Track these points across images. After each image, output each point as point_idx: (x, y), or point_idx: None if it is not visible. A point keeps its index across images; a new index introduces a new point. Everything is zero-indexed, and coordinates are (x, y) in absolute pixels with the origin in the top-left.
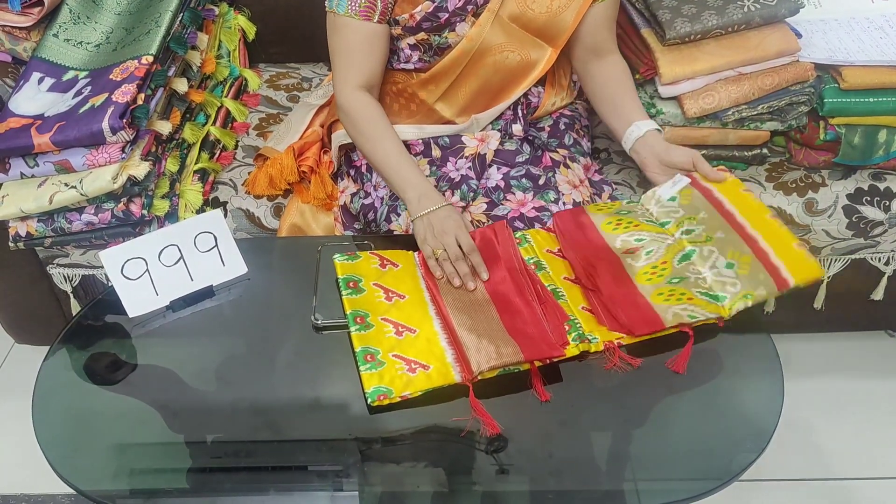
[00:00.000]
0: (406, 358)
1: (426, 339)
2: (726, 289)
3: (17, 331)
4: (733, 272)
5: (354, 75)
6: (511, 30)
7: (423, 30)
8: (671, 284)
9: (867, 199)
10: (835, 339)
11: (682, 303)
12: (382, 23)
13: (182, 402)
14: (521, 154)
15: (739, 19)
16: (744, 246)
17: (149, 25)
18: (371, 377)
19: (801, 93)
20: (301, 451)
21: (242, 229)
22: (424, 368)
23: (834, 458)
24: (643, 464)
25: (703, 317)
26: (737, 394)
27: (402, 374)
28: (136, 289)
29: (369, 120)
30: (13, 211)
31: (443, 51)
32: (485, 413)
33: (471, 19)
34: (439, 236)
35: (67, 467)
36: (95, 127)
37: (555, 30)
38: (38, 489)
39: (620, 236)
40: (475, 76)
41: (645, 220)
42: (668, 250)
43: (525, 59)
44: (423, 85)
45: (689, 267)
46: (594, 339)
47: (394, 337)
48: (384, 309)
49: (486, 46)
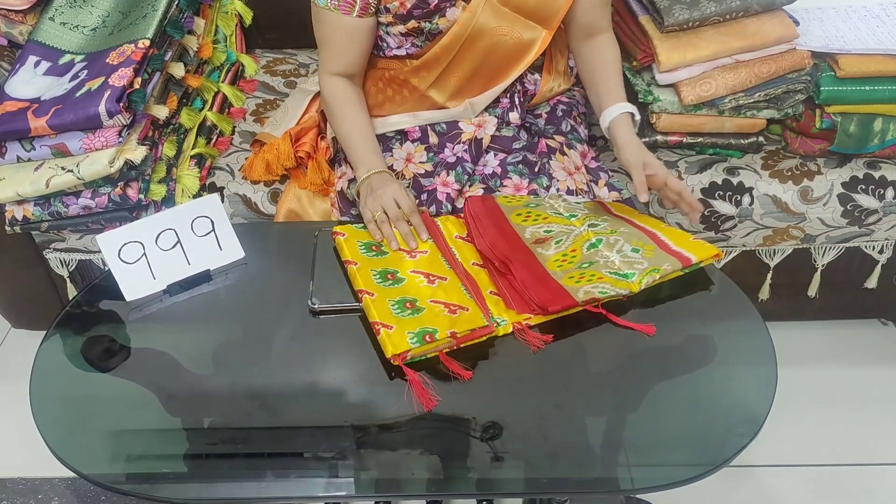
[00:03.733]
0: (444, 302)
1: (458, 286)
2: (634, 267)
3: (14, 315)
4: (639, 255)
5: (333, 64)
6: (503, 13)
7: (413, 17)
8: (581, 269)
9: (862, 187)
10: (828, 326)
11: (592, 282)
12: (364, 17)
13: (179, 387)
14: (519, 140)
15: (738, 6)
16: (646, 238)
17: (145, 9)
18: (412, 322)
19: (797, 81)
20: (297, 437)
21: (239, 214)
22: (464, 310)
23: (826, 444)
24: (636, 448)
25: (614, 292)
26: (730, 380)
27: (443, 316)
28: (133, 273)
29: (339, 101)
30: (10, 195)
31: (434, 36)
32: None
33: (461, 3)
34: (378, 198)
35: (66, 450)
36: (92, 111)
37: (548, 11)
38: (35, 473)
39: (529, 228)
40: (467, 61)
41: (553, 213)
42: (576, 240)
43: (518, 42)
44: (416, 72)
45: (598, 252)
46: (503, 321)
47: (427, 286)
48: (411, 264)
49: (478, 31)
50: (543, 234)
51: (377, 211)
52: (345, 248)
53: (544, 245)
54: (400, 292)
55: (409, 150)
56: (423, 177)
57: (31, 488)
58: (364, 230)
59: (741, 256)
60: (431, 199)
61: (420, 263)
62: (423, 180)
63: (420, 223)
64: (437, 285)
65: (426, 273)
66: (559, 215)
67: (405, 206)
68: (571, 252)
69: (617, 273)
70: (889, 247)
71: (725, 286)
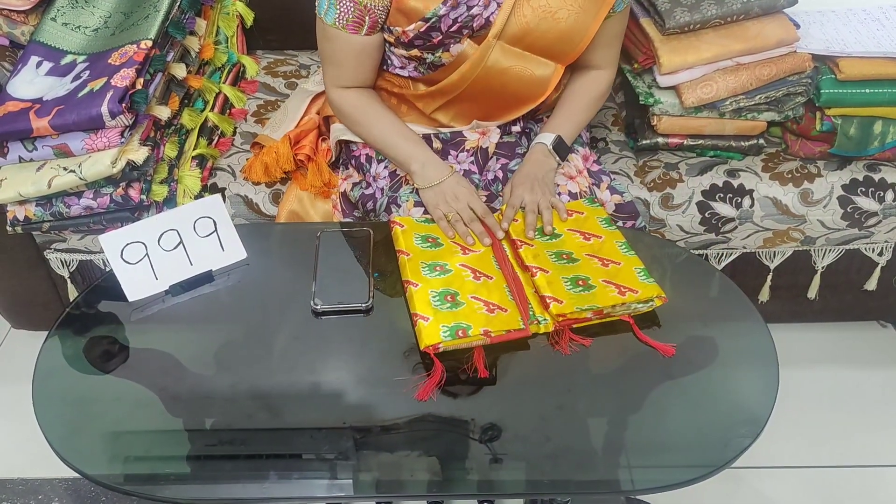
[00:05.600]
0: (484, 300)
1: (503, 286)
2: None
3: (14, 316)
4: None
5: (343, 80)
6: (514, 53)
7: (415, 46)
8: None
9: (862, 189)
10: (828, 328)
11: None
12: (372, 34)
13: (182, 387)
14: (521, 146)
15: (739, 9)
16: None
17: (147, 10)
18: (448, 315)
19: (798, 83)
20: (300, 438)
21: (241, 215)
22: (503, 311)
23: (825, 446)
24: (638, 450)
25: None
26: (732, 381)
27: (481, 314)
28: (135, 273)
29: (360, 109)
30: (12, 195)
31: (437, 68)
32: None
33: (466, 41)
34: (452, 202)
35: (69, 451)
36: (94, 111)
37: (563, 48)
38: (35, 474)
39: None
40: (475, 96)
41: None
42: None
43: (531, 78)
44: (420, 98)
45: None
46: (544, 320)
47: (472, 281)
48: (461, 259)
49: (488, 69)
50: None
51: (450, 213)
52: (400, 238)
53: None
54: (444, 283)
55: None
56: None
57: (31, 489)
58: (423, 224)
59: (741, 258)
60: None
61: (470, 259)
62: None
63: (495, 223)
64: (481, 282)
65: (473, 269)
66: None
67: (479, 210)
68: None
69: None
70: (889, 249)
71: (727, 288)
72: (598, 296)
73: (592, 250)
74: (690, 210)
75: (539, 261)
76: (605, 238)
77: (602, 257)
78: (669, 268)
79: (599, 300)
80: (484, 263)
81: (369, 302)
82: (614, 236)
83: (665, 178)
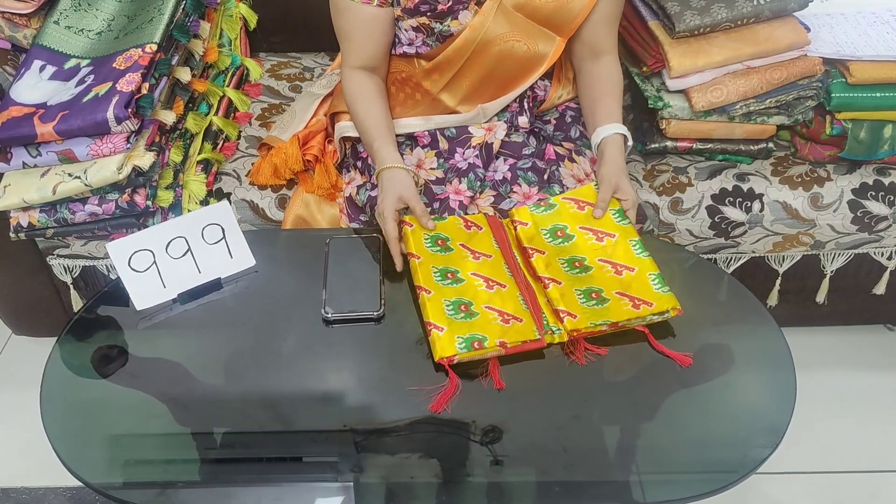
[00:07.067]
0: (499, 309)
1: (516, 295)
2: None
3: (16, 322)
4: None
5: (354, 57)
6: (516, 19)
7: (421, 13)
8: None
9: (872, 193)
10: (836, 332)
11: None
12: (384, 6)
13: (190, 396)
14: (528, 147)
15: (749, 12)
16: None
17: (151, 13)
18: (463, 326)
19: (808, 87)
20: (311, 446)
21: (246, 220)
22: (518, 321)
23: (834, 451)
24: (656, 460)
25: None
26: (749, 389)
27: (496, 324)
28: (143, 281)
29: (355, 95)
30: (15, 201)
31: (445, 38)
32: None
33: (474, 7)
34: (384, 196)
35: (76, 461)
36: (100, 116)
37: (563, 18)
38: (38, 482)
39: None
40: (480, 66)
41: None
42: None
43: (532, 50)
44: (427, 74)
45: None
46: (558, 330)
47: (486, 290)
48: (473, 266)
49: (491, 36)
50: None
51: (385, 210)
52: (410, 239)
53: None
54: (457, 293)
55: (420, 157)
56: (434, 184)
57: (34, 498)
58: (438, 222)
59: (750, 263)
60: (444, 207)
61: (482, 266)
62: (435, 188)
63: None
64: (495, 291)
65: (486, 277)
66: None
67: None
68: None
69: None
70: None
71: (740, 293)
72: (612, 310)
73: (605, 255)
74: (700, 214)
75: (551, 270)
76: (618, 237)
77: (615, 262)
78: (680, 273)
79: (613, 315)
80: (496, 271)
81: (381, 310)
82: (627, 233)
83: (674, 181)
